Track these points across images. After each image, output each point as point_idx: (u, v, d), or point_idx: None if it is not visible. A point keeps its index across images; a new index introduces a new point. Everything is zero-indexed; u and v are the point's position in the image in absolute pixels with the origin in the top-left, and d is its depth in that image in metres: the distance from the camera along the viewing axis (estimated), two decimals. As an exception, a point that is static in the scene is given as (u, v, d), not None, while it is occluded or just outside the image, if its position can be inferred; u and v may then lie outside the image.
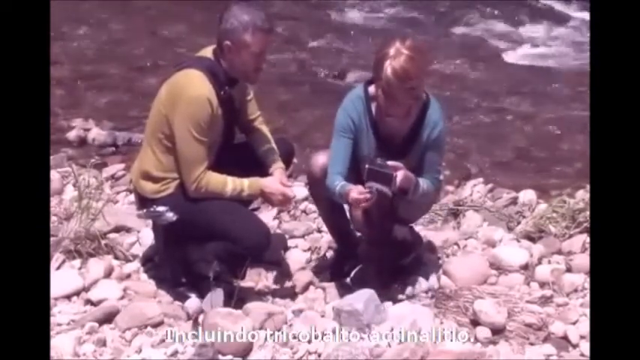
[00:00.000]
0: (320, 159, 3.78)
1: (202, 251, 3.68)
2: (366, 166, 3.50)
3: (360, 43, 7.71)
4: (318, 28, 8.28)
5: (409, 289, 3.90)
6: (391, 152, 3.63)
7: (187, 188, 3.64)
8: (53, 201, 4.54)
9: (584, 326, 3.58)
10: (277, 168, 3.83)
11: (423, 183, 3.66)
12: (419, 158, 3.68)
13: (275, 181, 3.73)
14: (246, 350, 3.41)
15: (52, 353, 3.29)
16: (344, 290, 3.86)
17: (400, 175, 3.53)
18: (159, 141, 3.68)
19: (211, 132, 3.61)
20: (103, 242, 4.09)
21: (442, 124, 3.67)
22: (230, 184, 3.63)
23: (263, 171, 3.81)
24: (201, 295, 3.69)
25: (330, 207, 3.86)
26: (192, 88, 3.58)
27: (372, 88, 3.63)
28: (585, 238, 4.20)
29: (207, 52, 3.72)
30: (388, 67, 3.45)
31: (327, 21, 8.62)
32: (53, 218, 4.33)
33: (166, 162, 3.68)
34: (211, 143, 3.64)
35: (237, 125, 3.88)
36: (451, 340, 3.49)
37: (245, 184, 3.65)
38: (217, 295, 3.60)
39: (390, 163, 3.53)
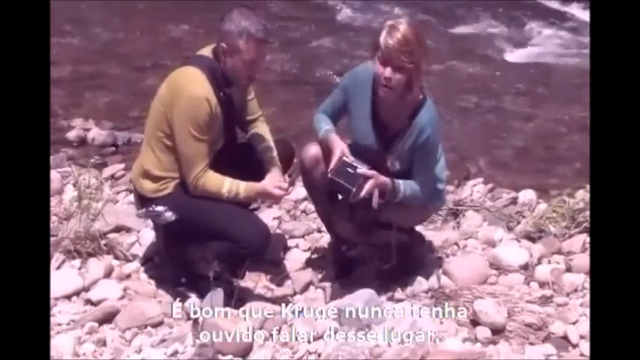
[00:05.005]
0: (311, 149, 3.80)
1: (202, 251, 3.68)
2: (329, 175, 3.55)
3: (359, 43, 7.72)
4: (319, 29, 8.28)
5: (409, 289, 3.90)
6: (383, 142, 3.65)
7: (187, 186, 3.64)
8: (53, 201, 4.55)
9: (584, 326, 3.59)
10: (273, 168, 3.83)
11: (406, 187, 3.63)
12: (405, 159, 3.66)
13: (269, 185, 3.70)
14: (246, 350, 3.42)
15: (52, 353, 3.29)
16: (344, 290, 3.86)
17: (369, 184, 3.52)
18: (158, 140, 3.68)
19: (211, 131, 3.61)
20: (102, 242, 4.09)
21: (431, 129, 3.61)
22: (227, 185, 3.62)
23: (262, 172, 3.81)
24: (201, 295, 3.69)
25: (325, 199, 3.86)
26: (191, 86, 3.58)
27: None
28: (585, 238, 4.20)
29: (207, 50, 3.72)
30: (387, 34, 3.48)
31: (327, 21, 8.63)
32: (53, 218, 4.34)
33: (166, 161, 3.68)
34: (212, 142, 3.64)
35: (238, 124, 3.88)
36: (451, 340, 3.49)
37: (241, 187, 3.63)
38: (217, 295, 3.61)
39: (360, 171, 3.53)
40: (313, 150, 3.80)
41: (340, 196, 3.65)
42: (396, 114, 3.64)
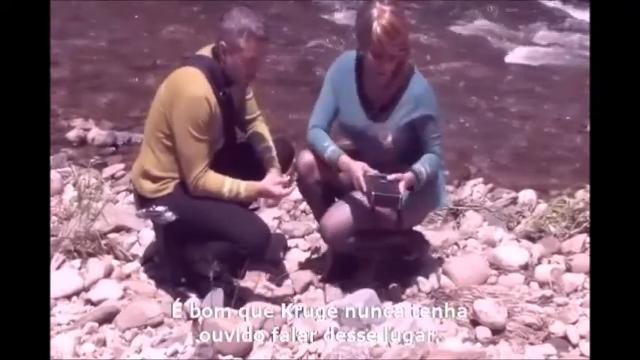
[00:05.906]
0: (306, 156, 3.80)
1: (202, 251, 3.68)
2: (372, 193, 3.53)
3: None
4: (318, 29, 8.29)
5: (409, 289, 3.90)
6: (371, 116, 3.68)
7: (187, 186, 3.65)
8: (53, 201, 4.55)
9: (584, 326, 3.59)
10: (273, 168, 3.83)
11: (424, 165, 3.65)
12: (402, 134, 3.66)
13: (269, 184, 3.70)
14: (246, 350, 3.41)
15: (52, 353, 3.29)
16: (344, 290, 3.86)
17: (402, 186, 3.56)
18: (158, 140, 3.68)
19: (211, 131, 3.61)
20: (102, 242, 4.09)
21: (428, 98, 3.66)
22: (227, 185, 3.62)
23: (262, 171, 3.81)
24: (201, 295, 3.69)
25: (320, 203, 3.86)
26: (191, 87, 3.58)
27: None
28: (585, 238, 4.20)
29: (207, 50, 3.72)
30: (377, 27, 3.50)
31: (326, 21, 8.63)
32: (53, 218, 4.33)
33: (165, 161, 3.68)
34: (212, 142, 3.64)
35: (237, 124, 3.88)
36: (451, 340, 3.49)
37: (242, 187, 3.63)
38: (217, 295, 3.60)
39: (390, 177, 3.56)
40: (307, 157, 3.80)
41: (388, 209, 3.63)
42: (383, 89, 3.68)
